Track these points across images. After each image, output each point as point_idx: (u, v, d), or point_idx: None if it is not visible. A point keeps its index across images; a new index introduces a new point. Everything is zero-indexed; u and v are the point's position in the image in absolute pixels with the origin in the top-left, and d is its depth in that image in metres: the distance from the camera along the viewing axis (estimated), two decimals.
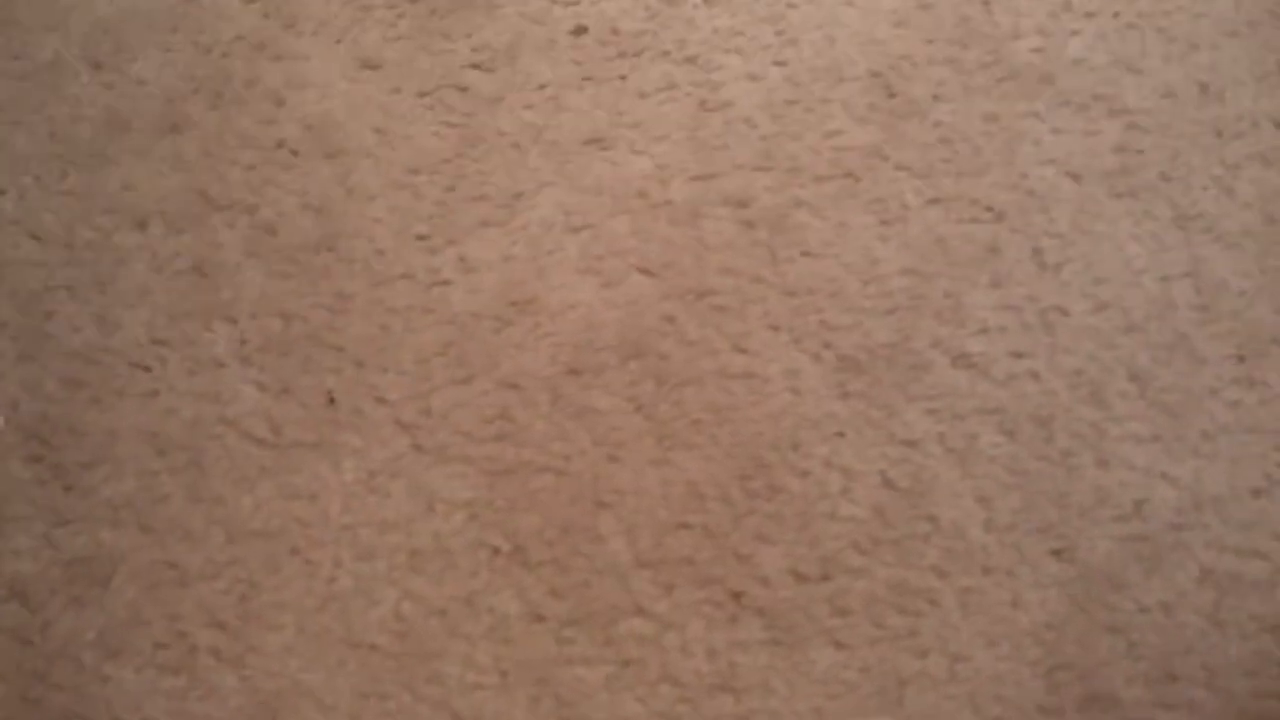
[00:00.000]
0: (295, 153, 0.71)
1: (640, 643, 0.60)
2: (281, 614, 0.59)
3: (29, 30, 0.75)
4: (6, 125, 0.72)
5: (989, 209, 0.70)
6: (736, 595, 0.60)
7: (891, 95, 0.73)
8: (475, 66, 0.74)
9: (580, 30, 0.76)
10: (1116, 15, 0.76)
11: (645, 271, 0.68)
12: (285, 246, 0.69)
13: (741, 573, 0.61)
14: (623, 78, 0.74)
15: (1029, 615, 0.59)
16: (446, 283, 0.68)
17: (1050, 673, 0.57)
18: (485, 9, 0.76)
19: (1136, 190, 0.70)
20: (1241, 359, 0.65)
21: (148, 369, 0.65)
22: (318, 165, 0.71)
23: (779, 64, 0.75)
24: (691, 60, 0.75)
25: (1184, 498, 0.61)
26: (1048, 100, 0.73)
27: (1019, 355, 0.65)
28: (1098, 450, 0.63)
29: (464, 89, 0.74)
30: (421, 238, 0.69)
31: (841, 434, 0.63)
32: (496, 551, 0.62)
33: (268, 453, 0.63)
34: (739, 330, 0.66)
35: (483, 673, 0.59)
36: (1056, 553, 0.60)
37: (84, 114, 0.73)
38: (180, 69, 0.74)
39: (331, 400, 0.64)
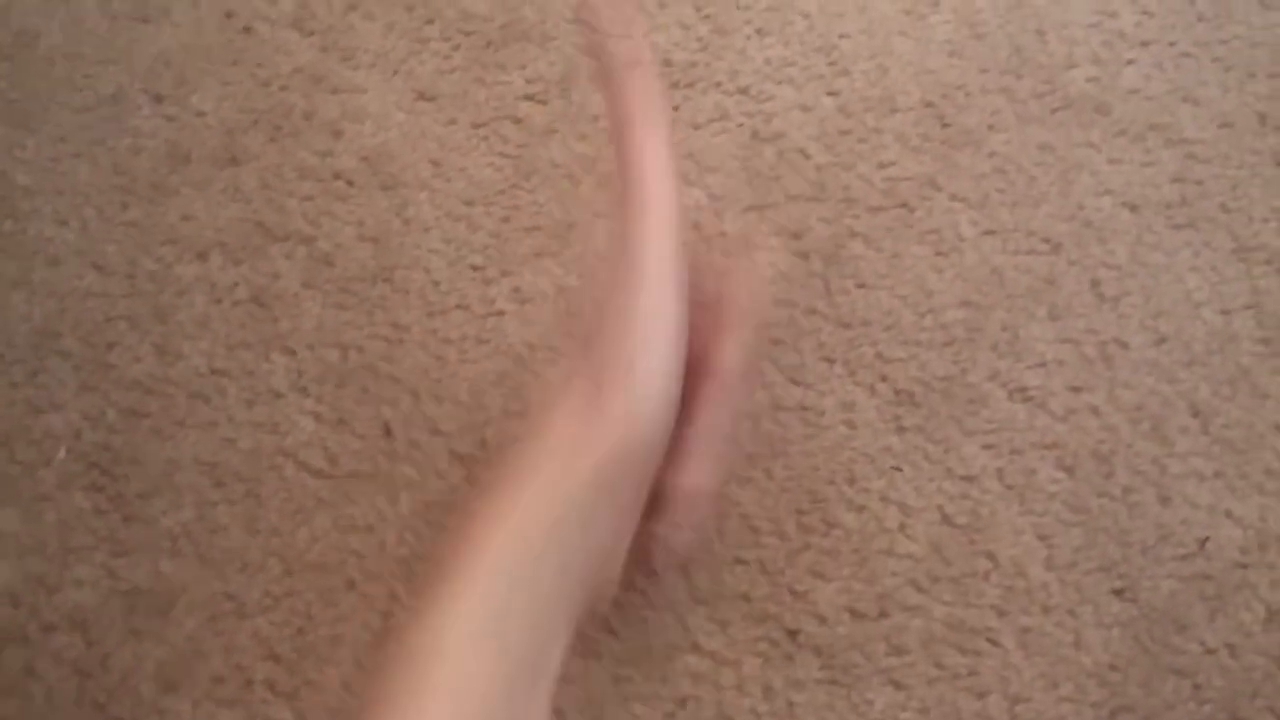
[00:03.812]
0: (352, 184, 0.71)
1: (696, 680, 0.58)
2: (337, 648, 0.59)
3: (92, 64, 0.75)
4: (69, 158, 0.73)
5: (1045, 240, 0.68)
6: (792, 633, 0.59)
7: (945, 125, 0.72)
8: (529, 98, 0.74)
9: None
10: (1172, 44, 0.74)
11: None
12: (342, 277, 0.68)
13: (797, 609, 0.59)
14: (675, 108, 0.74)
15: (1091, 656, 0.57)
16: (501, 313, 0.67)
17: (1113, 715, 0.56)
18: (539, 41, 0.75)
19: (1196, 221, 0.68)
20: None
21: (207, 399, 0.65)
22: (374, 196, 0.71)
23: (831, 94, 0.74)
24: (744, 91, 0.74)
25: (1248, 536, 0.59)
26: (1104, 130, 0.72)
27: (1078, 389, 0.64)
28: (1159, 487, 0.61)
29: (518, 120, 0.73)
30: (476, 268, 0.69)
31: (898, 468, 0.62)
32: None
33: (324, 484, 0.63)
34: (793, 362, 0.65)
35: None
36: (1118, 592, 0.58)
37: (145, 146, 0.73)
38: (239, 102, 0.74)
39: (388, 431, 0.63)
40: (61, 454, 0.64)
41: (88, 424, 0.65)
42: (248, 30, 0.76)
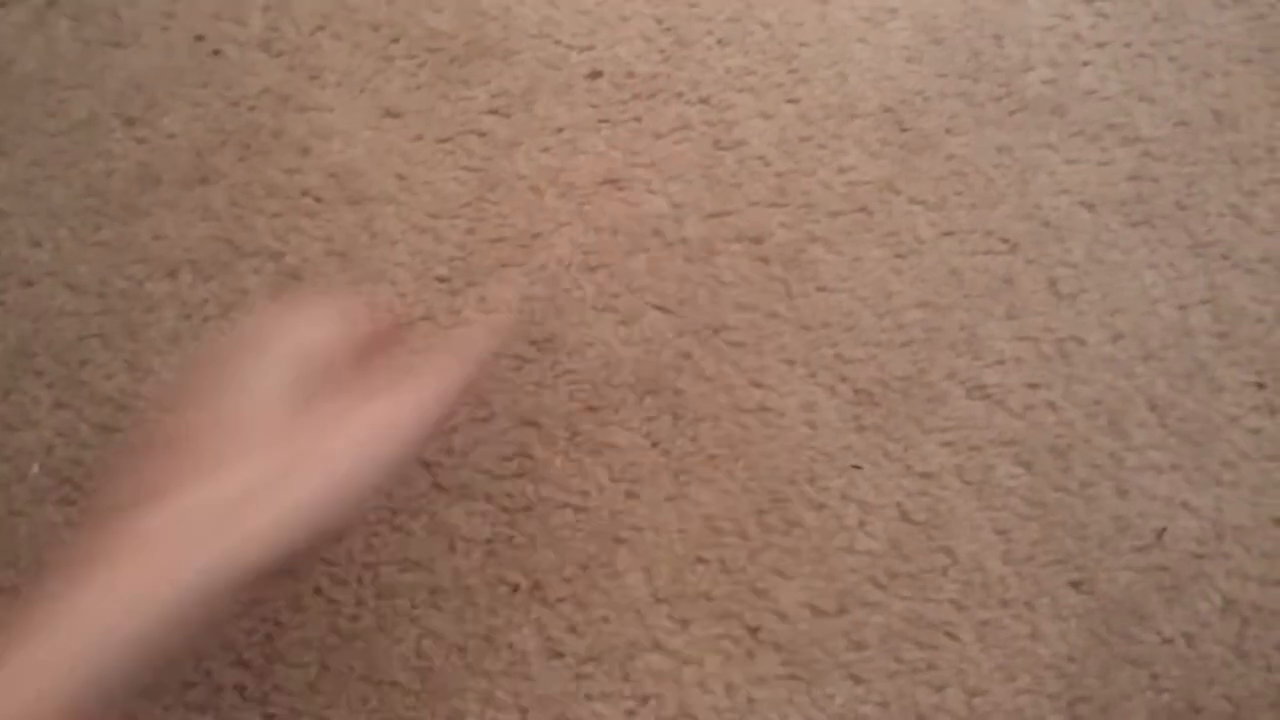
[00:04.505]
0: (320, 200, 0.72)
1: (658, 678, 0.59)
2: (305, 652, 0.59)
3: (65, 88, 0.76)
4: (43, 180, 0.74)
5: (1003, 240, 0.69)
6: (754, 630, 0.59)
7: (904, 130, 0.73)
8: (494, 112, 0.75)
9: (595, 74, 0.76)
10: (1128, 45, 0.75)
11: (661, 309, 0.68)
12: (310, 291, 0.69)
13: (759, 607, 0.60)
14: (638, 119, 0.74)
15: (1049, 647, 0.57)
16: (467, 323, 0.68)
17: (1071, 706, 0.56)
18: (502, 56, 0.76)
19: (1152, 218, 0.69)
20: (1262, 386, 0.63)
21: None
22: (341, 212, 0.72)
23: (791, 101, 0.74)
24: (705, 100, 0.75)
25: (1205, 527, 0.59)
26: (1060, 131, 0.72)
27: (1035, 386, 0.64)
28: (1117, 480, 0.61)
29: (483, 134, 0.74)
30: (442, 280, 0.69)
31: (858, 467, 0.62)
32: (515, 588, 0.61)
33: None
34: (755, 365, 0.65)
35: (502, 709, 0.59)
36: (1076, 584, 0.58)
37: (117, 168, 0.74)
38: (209, 123, 0.74)
39: None
40: (35, 469, 0.65)
41: (61, 440, 0.65)
42: (217, 53, 0.77)
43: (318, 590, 0.61)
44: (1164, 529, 0.59)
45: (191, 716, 0.58)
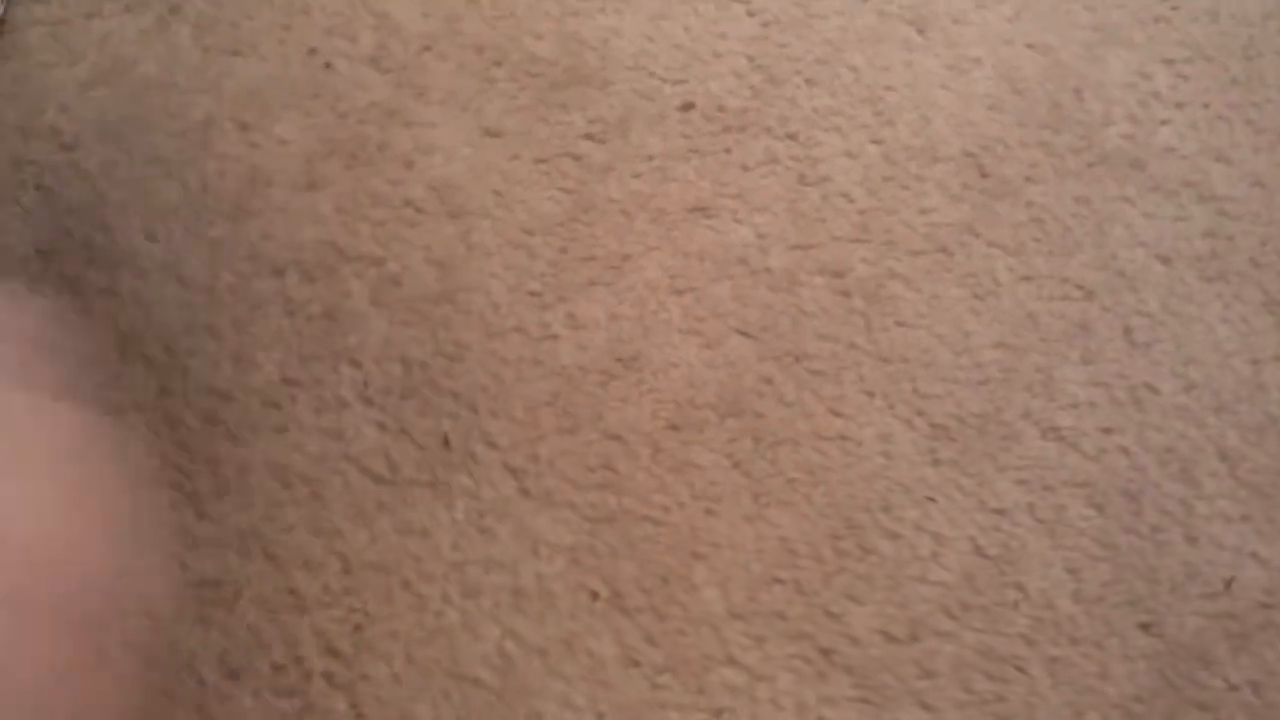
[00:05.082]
0: (421, 211, 0.73)
1: (732, 693, 0.59)
2: (392, 644, 0.60)
3: (184, 92, 0.78)
4: (161, 178, 0.75)
5: (1080, 287, 0.69)
6: (826, 652, 0.59)
7: (984, 175, 0.74)
8: (589, 137, 0.76)
9: (688, 106, 0.77)
10: (1206, 106, 0.75)
11: (745, 334, 0.69)
12: (408, 297, 0.70)
13: (831, 630, 0.60)
14: (727, 151, 0.75)
15: (1117, 687, 0.57)
16: (556, 337, 0.69)
17: None
18: (600, 85, 0.78)
19: (1226, 274, 0.69)
20: None
21: (278, 406, 0.67)
22: (441, 223, 0.73)
23: (876, 142, 0.75)
24: (792, 137, 0.76)
25: (1274, 577, 0.60)
26: (1138, 185, 0.73)
27: (1109, 430, 0.64)
28: (1187, 527, 0.61)
29: (578, 158, 0.75)
30: (534, 294, 0.70)
31: (932, 499, 0.63)
32: (595, 596, 0.62)
33: (385, 489, 0.64)
34: (834, 394, 0.66)
35: (579, 713, 0.59)
36: (1145, 626, 0.59)
37: (230, 170, 0.76)
38: (319, 132, 0.76)
39: (446, 443, 0.65)
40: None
41: (166, 426, 0.67)
42: (329, 66, 0.78)
43: (406, 585, 0.62)
44: (1233, 578, 0.59)
45: (280, 700, 0.59)
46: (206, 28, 0.80)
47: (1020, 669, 0.58)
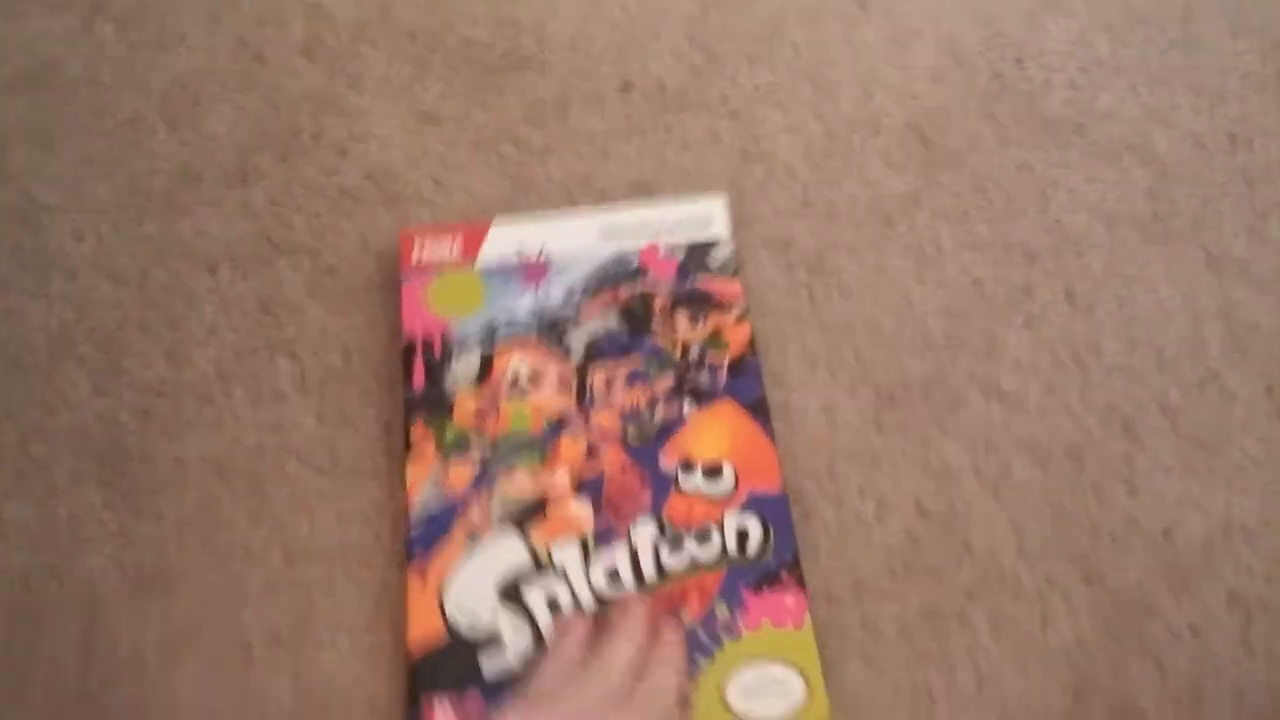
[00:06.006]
0: (357, 200, 0.79)
1: None
2: (336, 633, 0.65)
3: (110, 89, 0.83)
4: (89, 178, 0.80)
5: (1023, 253, 0.75)
6: None
7: (927, 146, 0.80)
8: (528, 120, 0.81)
9: (628, 86, 0.83)
10: (1146, 70, 0.82)
11: None
12: (346, 287, 0.75)
13: None
14: (668, 130, 0.81)
15: (1059, 637, 0.62)
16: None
17: (1079, 692, 0.61)
18: (537, 68, 0.83)
19: (1168, 235, 0.75)
20: (1272, 394, 0.69)
21: (213, 401, 0.72)
22: (378, 212, 0.78)
23: (818, 117, 0.81)
24: (734, 114, 0.82)
25: (1214, 527, 0.65)
26: (1080, 150, 0.79)
27: (1052, 391, 0.70)
28: (1129, 481, 0.67)
29: (517, 141, 0.81)
30: None
31: (877, 465, 0.68)
32: None
33: (326, 480, 0.69)
34: (777, 366, 0.71)
35: None
36: (1087, 579, 0.64)
37: (160, 167, 0.81)
38: (250, 124, 0.82)
39: (388, 430, 0.70)
40: None
41: (100, 424, 0.72)
42: (259, 57, 0.84)
43: (349, 574, 0.66)
44: (1173, 528, 0.65)
45: (223, 688, 0.64)
46: (132, 23, 0.85)
47: (964, 623, 0.63)
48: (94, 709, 0.63)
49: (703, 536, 0.63)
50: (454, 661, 0.61)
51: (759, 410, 0.67)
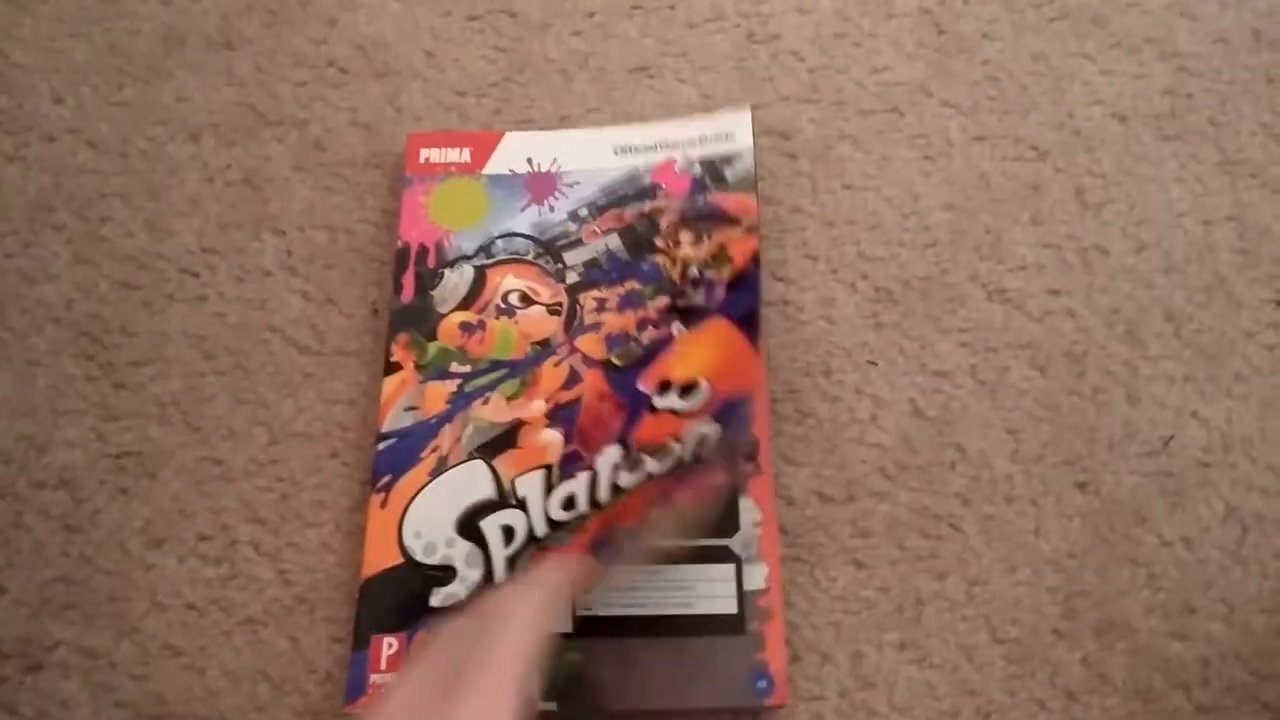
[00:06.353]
0: (345, 72, 0.75)
1: None
2: (320, 512, 0.64)
3: None
4: (67, 37, 0.77)
5: (1033, 147, 0.72)
6: None
7: (941, 32, 0.76)
8: None
9: None
10: None
11: None
12: (333, 162, 0.73)
13: None
14: (671, 7, 0.78)
15: (1050, 544, 0.62)
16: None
17: (1068, 599, 0.60)
18: None
19: (1184, 133, 0.72)
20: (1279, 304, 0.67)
21: (197, 275, 0.70)
22: (367, 84, 0.75)
23: None
24: None
25: (1213, 437, 0.64)
26: (1099, 41, 0.75)
27: (1056, 292, 0.68)
28: (1129, 387, 0.65)
29: (514, 14, 0.77)
30: None
31: (874, 363, 0.66)
32: None
33: (311, 359, 0.67)
34: (776, 258, 0.69)
35: None
36: (1081, 485, 0.63)
37: (141, 29, 0.77)
38: None
39: (375, 312, 0.68)
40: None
41: (80, 295, 0.69)
42: None
43: (334, 454, 0.65)
44: (1172, 436, 0.64)
45: (206, 568, 0.63)
46: None
47: (955, 526, 0.62)
48: (79, 593, 0.62)
49: (662, 453, 0.58)
50: (403, 589, 0.59)
51: (749, 323, 0.62)
